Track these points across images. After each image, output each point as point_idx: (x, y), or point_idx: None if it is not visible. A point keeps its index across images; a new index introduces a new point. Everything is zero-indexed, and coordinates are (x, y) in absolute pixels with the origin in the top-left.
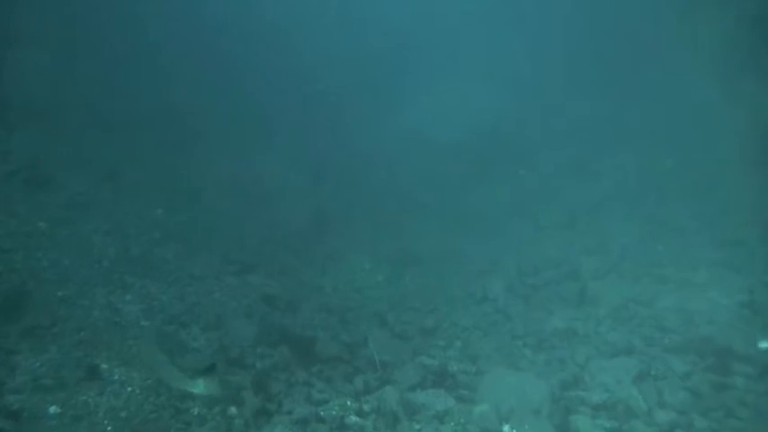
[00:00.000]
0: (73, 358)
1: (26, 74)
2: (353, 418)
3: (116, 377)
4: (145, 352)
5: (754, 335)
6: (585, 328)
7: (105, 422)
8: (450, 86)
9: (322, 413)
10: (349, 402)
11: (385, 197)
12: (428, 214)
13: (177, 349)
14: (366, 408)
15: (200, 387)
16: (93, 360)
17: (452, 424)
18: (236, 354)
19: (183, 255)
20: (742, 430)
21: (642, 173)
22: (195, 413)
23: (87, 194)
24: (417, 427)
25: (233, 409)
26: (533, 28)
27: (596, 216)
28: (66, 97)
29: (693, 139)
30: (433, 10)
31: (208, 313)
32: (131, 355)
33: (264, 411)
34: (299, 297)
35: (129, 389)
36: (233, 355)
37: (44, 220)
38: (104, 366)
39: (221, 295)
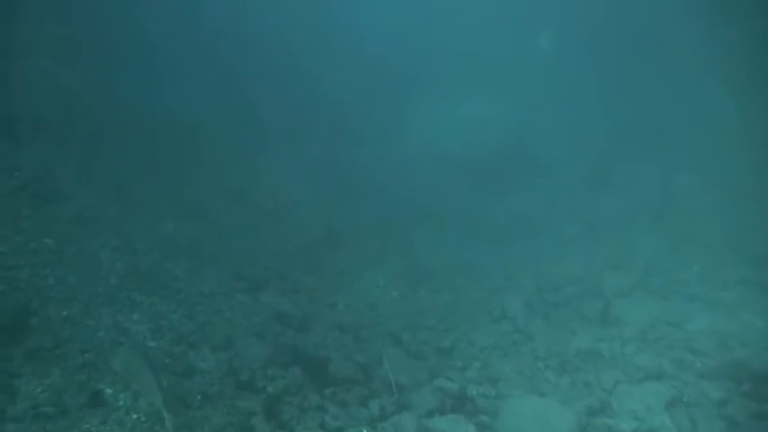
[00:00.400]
0: (76, 382)
1: (35, 84)
2: None
3: (121, 403)
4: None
5: None
6: (611, 349)
7: None
8: (462, 97)
9: None
10: (365, 430)
11: (397, 211)
12: (441, 228)
13: (185, 372)
14: None
15: None
16: (96, 384)
17: None
18: (247, 376)
19: (192, 271)
20: None
21: (664, 185)
22: None
23: (95, 209)
24: None
25: None
26: (549, 36)
27: (618, 230)
28: (74, 108)
29: (716, 150)
30: (445, 20)
31: (218, 333)
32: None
33: None
34: (312, 315)
35: (135, 416)
36: (243, 378)
37: (51, 235)
38: (109, 391)
39: (232, 313)
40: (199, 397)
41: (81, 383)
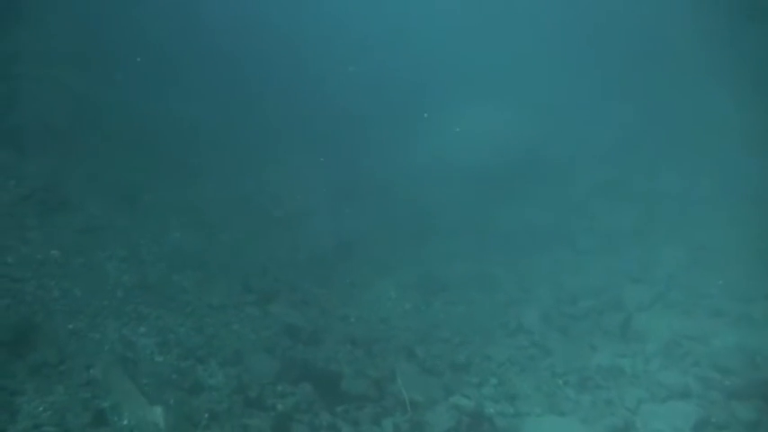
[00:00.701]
0: (79, 400)
1: (42, 91)
2: None
3: (125, 422)
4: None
5: None
6: (633, 365)
7: None
8: (472, 103)
9: None
10: None
11: (407, 219)
12: (453, 237)
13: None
14: None
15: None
16: (100, 402)
17: None
18: (256, 393)
19: (201, 282)
20: None
21: (682, 193)
22: None
23: (103, 218)
24: None
25: None
26: (565, 44)
27: (637, 241)
28: (82, 115)
29: (735, 157)
30: (453, 24)
31: (226, 347)
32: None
33: None
34: (323, 328)
35: None
36: (252, 395)
37: (57, 246)
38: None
39: (240, 327)
40: (206, 415)
41: (85, 401)
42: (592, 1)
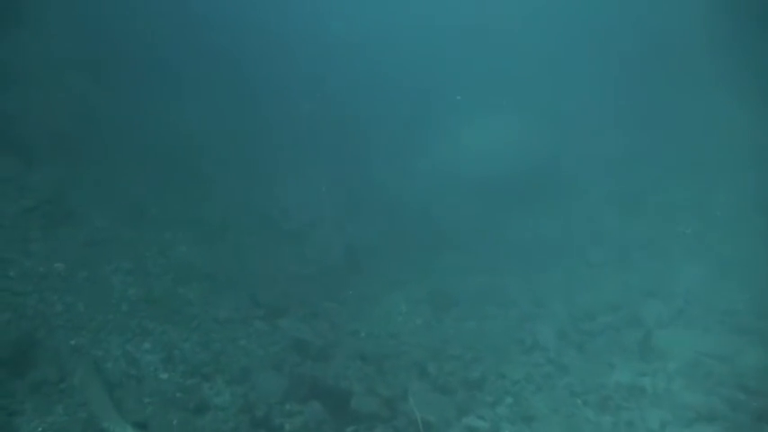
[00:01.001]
0: (79, 420)
1: (51, 98)
2: None
3: None
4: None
5: None
6: (655, 385)
7: None
8: (485, 113)
9: None
10: None
11: (417, 231)
12: (464, 250)
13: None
14: None
15: None
16: (100, 423)
17: None
18: (263, 412)
19: (207, 296)
20: None
21: (698, 208)
22: None
23: (109, 231)
24: None
25: None
26: (575, 54)
27: (653, 254)
28: (89, 124)
29: (755, 170)
30: (467, 33)
31: (233, 364)
32: (146, 416)
33: None
34: (332, 343)
35: None
36: (259, 414)
37: (61, 259)
38: (114, 431)
39: (248, 342)
40: None
41: (85, 422)
42: (603, 12)
